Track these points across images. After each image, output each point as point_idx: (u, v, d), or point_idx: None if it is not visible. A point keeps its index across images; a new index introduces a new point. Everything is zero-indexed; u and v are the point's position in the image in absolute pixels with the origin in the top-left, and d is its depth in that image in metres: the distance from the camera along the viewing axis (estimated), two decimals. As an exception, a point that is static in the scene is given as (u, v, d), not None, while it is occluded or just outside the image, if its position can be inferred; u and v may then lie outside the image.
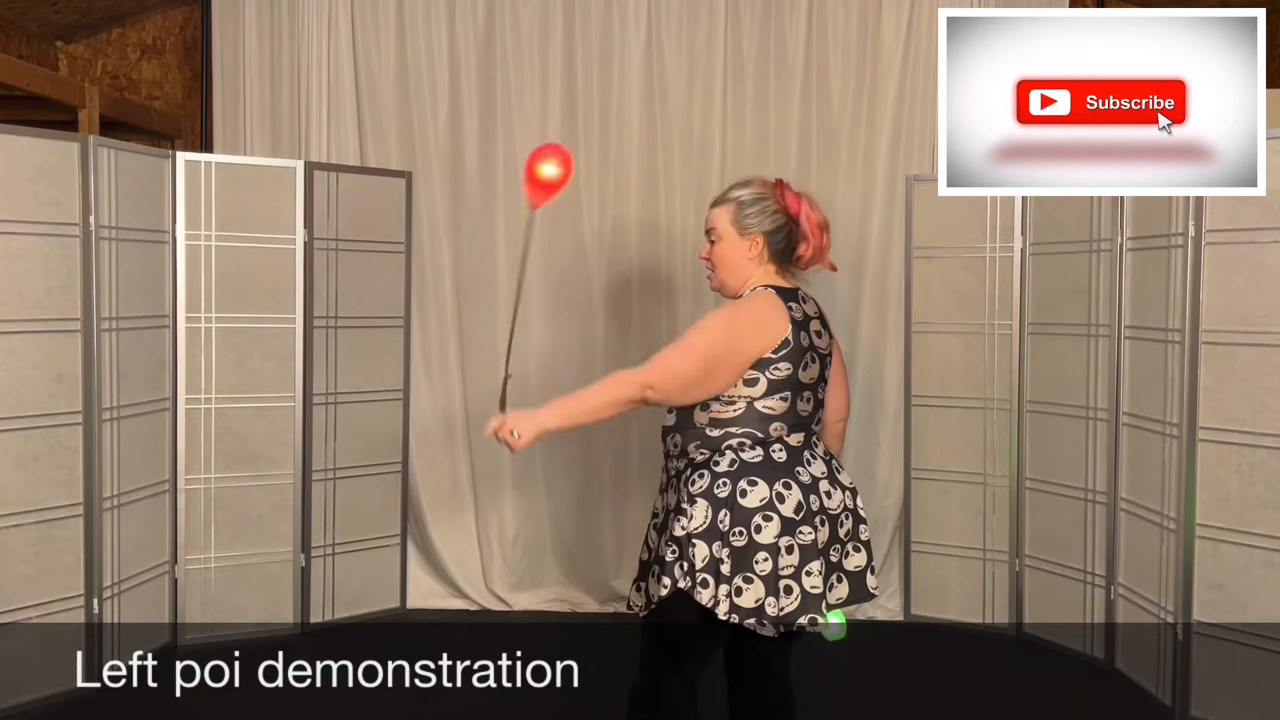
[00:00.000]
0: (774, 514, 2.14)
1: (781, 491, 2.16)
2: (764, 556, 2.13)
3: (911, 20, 4.14)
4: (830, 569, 2.23)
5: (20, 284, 3.14)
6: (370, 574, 4.07)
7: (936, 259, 3.99)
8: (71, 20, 4.26)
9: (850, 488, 2.30)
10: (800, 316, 2.24)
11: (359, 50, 4.19)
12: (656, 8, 4.17)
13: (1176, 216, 3.19)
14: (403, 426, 4.14)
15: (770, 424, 2.20)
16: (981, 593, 3.97)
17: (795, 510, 2.16)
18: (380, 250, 4.03)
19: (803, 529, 2.15)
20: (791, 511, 2.15)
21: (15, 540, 3.15)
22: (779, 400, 2.20)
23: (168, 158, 3.64)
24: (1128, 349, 3.48)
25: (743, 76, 4.18)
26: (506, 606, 4.22)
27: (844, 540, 2.26)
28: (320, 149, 4.14)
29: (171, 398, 3.66)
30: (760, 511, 2.14)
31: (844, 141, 4.17)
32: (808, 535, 2.15)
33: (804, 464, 2.22)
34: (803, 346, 2.21)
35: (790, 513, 2.15)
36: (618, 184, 4.19)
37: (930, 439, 4.04)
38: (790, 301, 2.25)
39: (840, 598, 2.25)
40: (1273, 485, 2.99)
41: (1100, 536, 3.61)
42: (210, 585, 3.76)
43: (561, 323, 4.23)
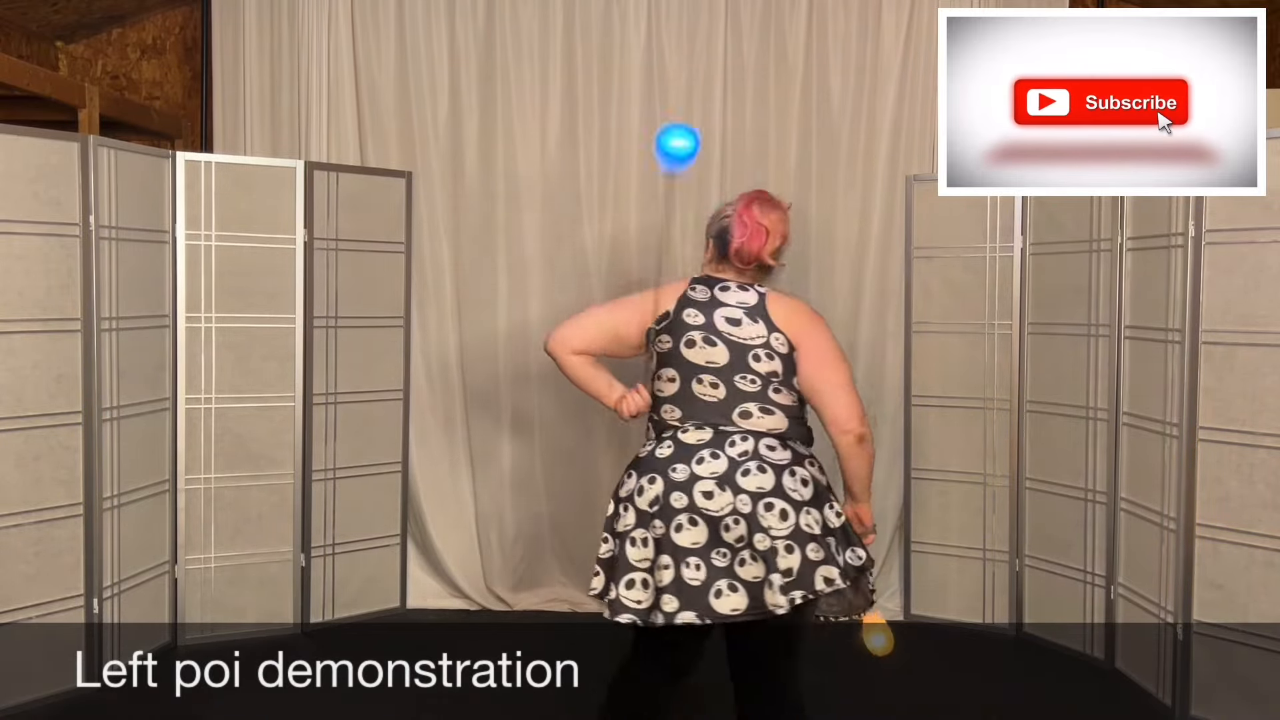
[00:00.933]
0: (631, 506, 2.28)
1: (644, 485, 2.27)
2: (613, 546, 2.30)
3: (911, 20, 4.14)
4: (717, 573, 2.20)
5: (20, 284, 3.14)
6: (370, 574, 4.07)
7: (936, 259, 3.99)
8: (71, 20, 4.26)
9: (756, 493, 2.20)
10: (703, 298, 2.34)
11: (359, 50, 4.19)
12: (656, 8, 4.17)
13: (1176, 216, 3.19)
14: (403, 426, 4.14)
15: (662, 407, 2.36)
16: (981, 593, 3.97)
17: (650, 504, 2.25)
18: (380, 250, 4.03)
19: (655, 523, 2.24)
20: (647, 505, 2.25)
21: (15, 540, 3.15)
22: (668, 381, 2.35)
23: (168, 158, 3.64)
24: (1128, 349, 3.48)
25: (743, 76, 4.18)
26: (506, 606, 4.22)
27: (734, 546, 2.20)
28: (320, 149, 4.14)
29: (171, 398, 3.66)
30: (624, 502, 2.30)
31: (844, 141, 4.17)
32: (659, 530, 2.23)
33: (691, 461, 2.24)
34: (686, 323, 2.32)
35: (645, 506, 2.26)
36: (618, 184, 4.19)
37: (930, 439, 4.04)
38: (701, 285, 2.38)
39: (736, 609, 2.19)
40: (1273, 485, 2.99)
41: (1100, 536, 3.61)
42: (210, 585, 3.76)
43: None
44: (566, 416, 4.25)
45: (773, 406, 2.30)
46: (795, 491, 2.22)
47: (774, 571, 2.17)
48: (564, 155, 4.20)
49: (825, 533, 2.22)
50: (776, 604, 2.16)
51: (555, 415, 4.24)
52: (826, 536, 2.22)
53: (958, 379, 3.97)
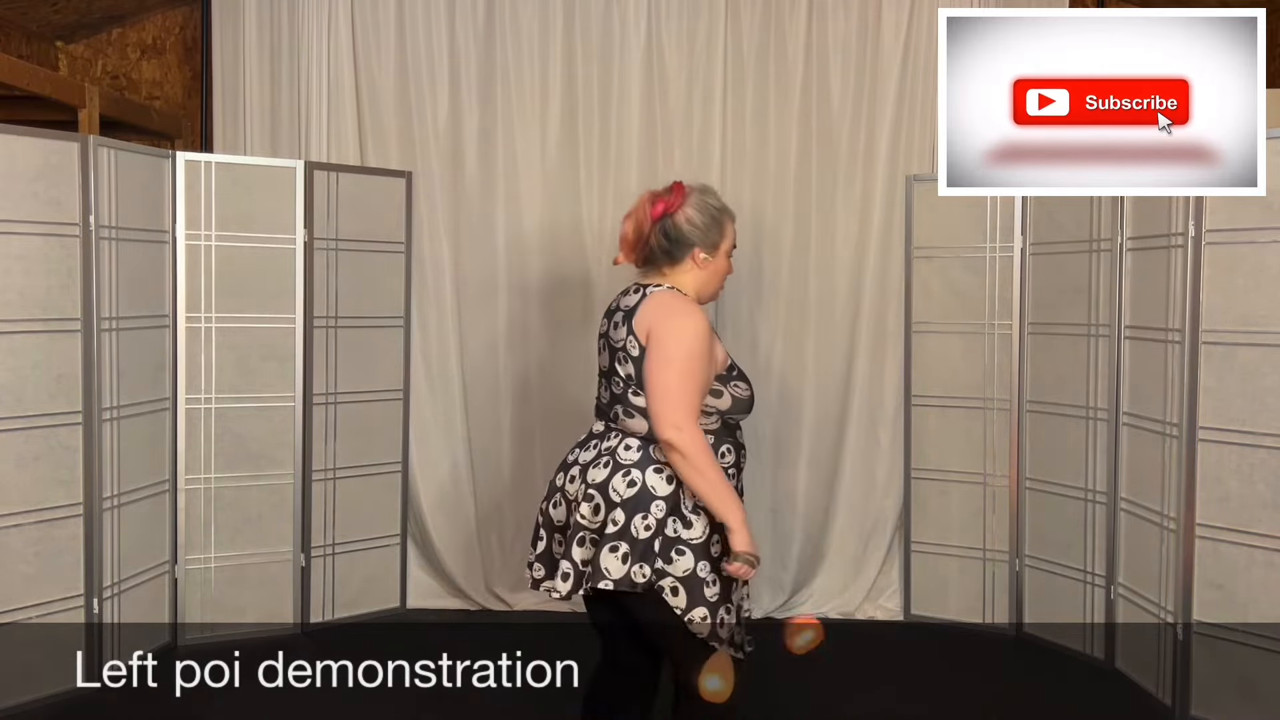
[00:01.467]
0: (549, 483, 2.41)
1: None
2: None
3: (911, 20, 4.14)
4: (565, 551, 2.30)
5: (20, 284, 3.14)
6: (370, 574, 4.07)
7: (936, 259, 3.99)
8: (71, 20, 4.26)
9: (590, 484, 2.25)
10: (612, 307, 2.39)
11: (359, 50, 4.19)
12: (656, 8, 4.17)
13: (1176, 216, 3.19)
14: (403, 426, 4.14)
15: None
16: (981, 593, 3.97)
17: (551, 483, 2.39)
18: (380, 250, 4.03)
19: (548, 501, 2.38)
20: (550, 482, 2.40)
21: (15, 540, 3.15)
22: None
23: (168, 158, 3.64)
24: (1128, 349, 3.48)
25: (743, 76, 4.18)
26: (506, 606, 4.22)
27: (571, 528, 2.29)
28: (320, 149, 4.14)
29: (171, 398, 3.66)
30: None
31: (844, 141, 4.17)
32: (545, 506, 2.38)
33: (581, 447, 2.36)
34: (601, 334, 2.40)
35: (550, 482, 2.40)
36: (617, 184, 4.19)
37: (930, 439, 4.04)
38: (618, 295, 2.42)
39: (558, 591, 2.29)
40: (1273, 485, 2.99)
41: (1100, 536, 3.61)
42: (210, 585, 3.76)
43: (561, 325, 4.23)
44: (566, 416, 4.25)
45: (632, 410, 2.27)
46: (615, 491, 2.22)
47: (567, 559, 2.27)
48: (564, 155, 4.20)
49: (627, 537, 2.19)
50: (557, 589, 2.28)
51: (555, 415, 4.24)
52: (626, 539, 2.19)
53: (958, 379, 3.97)
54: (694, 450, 2.17)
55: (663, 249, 2.32)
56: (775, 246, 4.14)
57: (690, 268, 2.34)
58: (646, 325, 2.25)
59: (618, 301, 2.38)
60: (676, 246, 2.31)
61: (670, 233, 2.31)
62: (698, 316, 2.24)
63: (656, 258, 2.34)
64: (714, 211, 2.34)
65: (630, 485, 2.23)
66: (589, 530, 2.25)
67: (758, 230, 4.17)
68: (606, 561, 2.19)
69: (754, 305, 4.18)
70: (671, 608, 2.19)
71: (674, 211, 2.30)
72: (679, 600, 2.20)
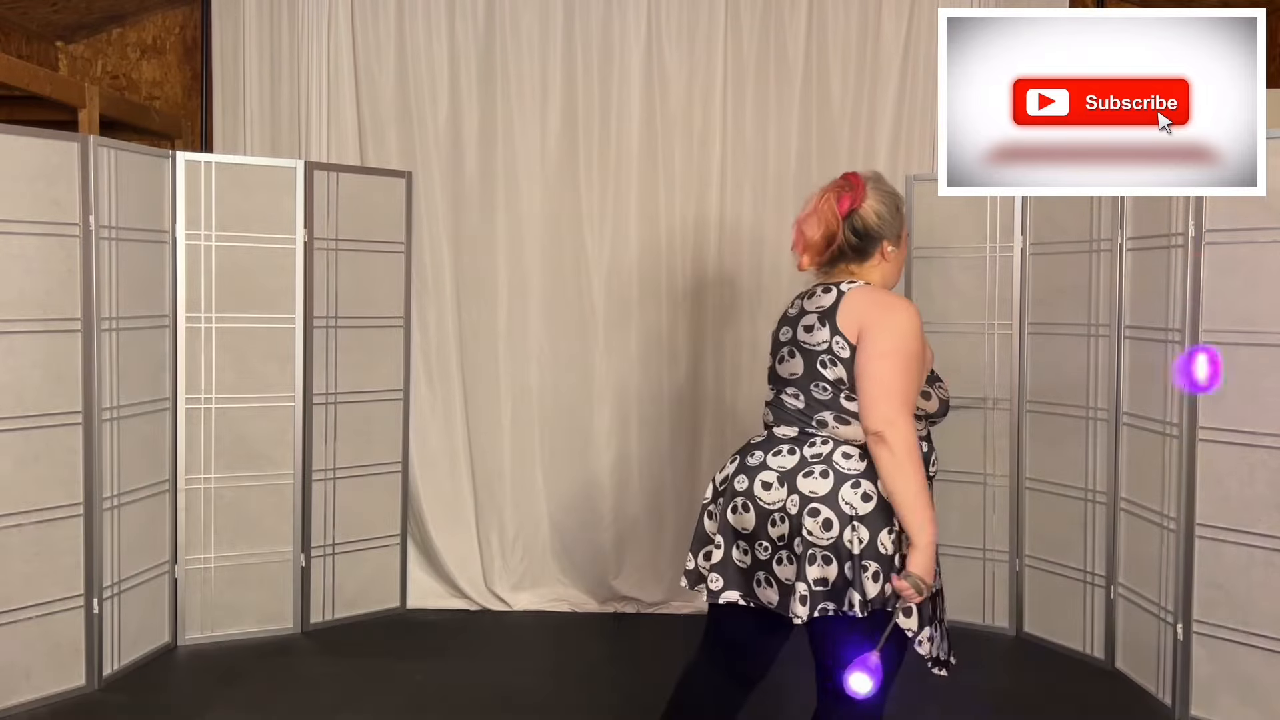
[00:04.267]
0: (712, 483, 2.28)
1: (726, 464, 2.25)
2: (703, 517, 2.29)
3: (911, 20, 4.15)
4: (758, 564, 2.15)
5: (20, 284, 3.14)
6: (370, 574, 4.08)
7: (936, 259, 3.99)
8: (71, 20, 4.26)
9: (808, 496, 2.06)
10: (794, 312, 2.26)
11: (359, 50, 4.19)
12: (656, 8, 4.17)
13: (1176, 216, 3.19)
14: (403, 426, 4.14)
15: (765, 410, 2.30)
16: (981, 593, 3.97)
17: (721, 482, 2.24)
18: (380, 250, 4.03)
19: (719, 501, 2.24)
20: (720, 482, 2.25)
21: (15, 540, 3.15)
22: (770, 390, 2.29)
23: (168, 158, 3.64)
24: (1128, 349, 3.48)
25: (743, 76, 4.18)
26: (506, 606, 4.22)
27: (775, 543, 2.11)
28: (320, 149, 4.15)
29: (171, 398, 3.66)
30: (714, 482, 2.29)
31: (844, 141, 4.18)
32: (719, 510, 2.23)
33: (770, 451, 2.16)
34: (779, 340, 2.27)
35: (719, 483, 2.25)
36: (618, 184, 4.19)
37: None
38: (798, 298, 2.29)
39: (770, 601, 2.13)
40: (1273, 485, 2.99)
41: (1100, 536, 3.61)
42: (210, 585, 3.76)
43: (562, 325, 4.23)
44: (566, 416, 4.25)
45: (846, 415, 2.12)
46: (849, 504, 2.04)
47: (801, 579, 2.04)
48: (564, 155, 4.20)
49: (872, 555, 2.03)
50: (796, 613, 2.04)
51: (555, 415, 4.24)
52: (870, 559, 2.03)
53: (957, 379, 3.96)
54: (904, 448, 2.00)
55: (853, 246, 2.17)
56: (775, 247, 4.14)
57: (878, 262, 2.20)
58: (856, 322, 2.10)
59: (801, 304, 2.22)
60: (867, 242, 2.18)
61: (859, 229, 2.17)
62: (913, 311, 2.09)
63: (845, 256, 2.18)
64: (895, 199, 2.22)
65: (865, 499, 2.05)
66: (820, 547, 2.04)
67: (758, 230, 4.17)
68: (866, 583, 2.01)
69: (754, 305, 4.18)
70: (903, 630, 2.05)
71: (859, 206, 2.16)
72: (910, 621, 2.05)
